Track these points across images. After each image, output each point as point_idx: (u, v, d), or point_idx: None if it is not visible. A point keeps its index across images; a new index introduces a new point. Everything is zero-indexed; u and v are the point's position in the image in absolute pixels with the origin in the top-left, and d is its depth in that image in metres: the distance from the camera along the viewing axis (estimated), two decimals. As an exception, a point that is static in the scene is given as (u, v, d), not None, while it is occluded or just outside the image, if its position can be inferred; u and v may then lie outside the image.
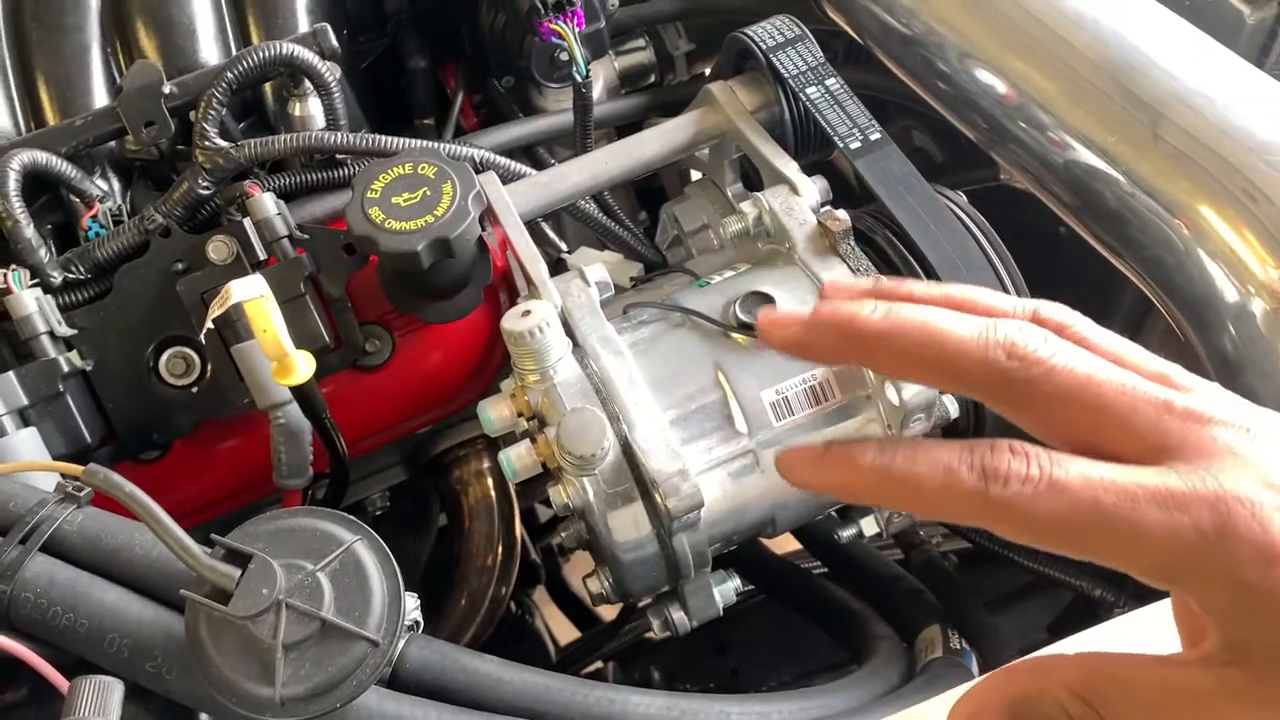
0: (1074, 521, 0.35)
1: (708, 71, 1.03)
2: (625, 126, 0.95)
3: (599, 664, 1.15)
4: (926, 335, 0.38)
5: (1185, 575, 0.35)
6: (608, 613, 1.29)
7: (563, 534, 0.68)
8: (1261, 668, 0.34)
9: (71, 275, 0.72)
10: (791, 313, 0.42)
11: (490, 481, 0.87)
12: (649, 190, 1.09)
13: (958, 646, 0.73)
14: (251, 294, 0.57)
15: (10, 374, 0.66)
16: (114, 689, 0.46)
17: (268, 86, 0.82)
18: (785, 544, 0.94)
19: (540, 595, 1.26)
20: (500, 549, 0.86)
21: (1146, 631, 0.54)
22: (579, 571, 1.34)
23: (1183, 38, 0.72)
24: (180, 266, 0.71)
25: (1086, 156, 0.70)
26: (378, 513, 0.86)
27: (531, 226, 0.74)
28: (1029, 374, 0.37)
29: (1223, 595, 0.34)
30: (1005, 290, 0.70)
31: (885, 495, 0.38)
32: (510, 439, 0.68)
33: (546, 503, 1.21)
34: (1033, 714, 0.37)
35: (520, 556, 0.89)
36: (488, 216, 0.73)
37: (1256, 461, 0.35)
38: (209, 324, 0.60)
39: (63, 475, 0.60)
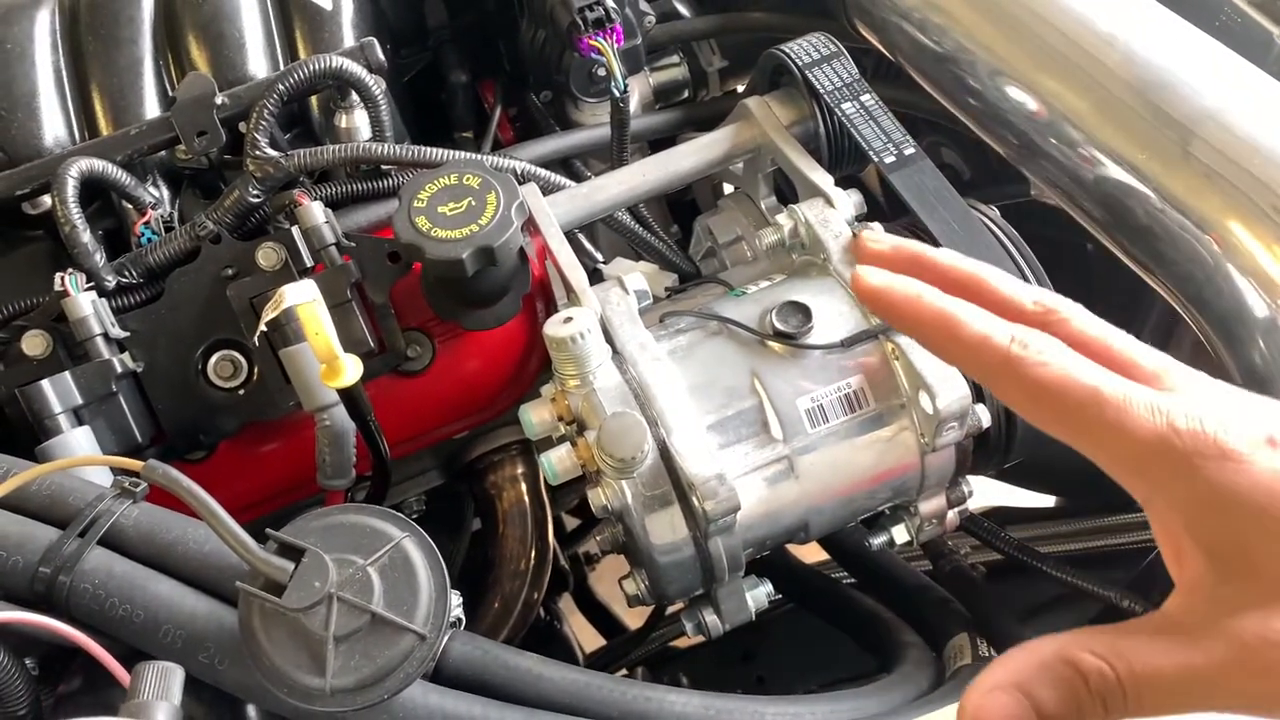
0: (1072, 396, 0.41)
1: (740, 88, 1.04)
2: (657, 141, 0.97)
3: (625, 671, 1.15)
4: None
5: (1154, 467, 0.40)
6: (633, 621, 1.30)
7: (599, 537, 0.69)
8: (1240, 570, 0.38)
9: (124, 279, 0.74)
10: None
11: (524, 487, 0.88)
12: (680, 203, 1.11)
13: (986, 655, 0.73)
14: (305, 298, 0.59)
15: (66, 374, 0.68)
16: (175, 674, 0.48)
17: (314, 98, 0.84)
18: (811, 554, 0.95)
19: (566, 604, 1.27)
20: (533, 554, 0.87)
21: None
22: (605, 580, 1.36)
23: (1213, 56, 0.73)
24: (230, 272, 0.73)
25: (1117, 173, 0.72)
26: (414, 515, 0.87)
27: (568, 237, 0.76)
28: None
29: (1183, 489, 0.39)
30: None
31: (930, 328, 0.46)
32: (546, 444, 0.69)
33: (573, 511, 1.23)
34: (1058, 679, 0.39)
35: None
36: (528, 227, 0.75)
37: (1237, 413, 0.40)
38: (262, 327, 0.62)
39: (118, 471, 0.62)
